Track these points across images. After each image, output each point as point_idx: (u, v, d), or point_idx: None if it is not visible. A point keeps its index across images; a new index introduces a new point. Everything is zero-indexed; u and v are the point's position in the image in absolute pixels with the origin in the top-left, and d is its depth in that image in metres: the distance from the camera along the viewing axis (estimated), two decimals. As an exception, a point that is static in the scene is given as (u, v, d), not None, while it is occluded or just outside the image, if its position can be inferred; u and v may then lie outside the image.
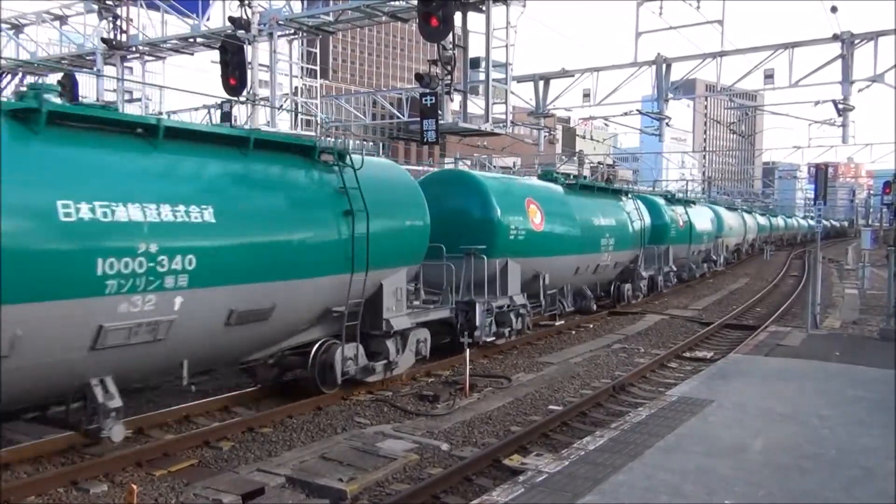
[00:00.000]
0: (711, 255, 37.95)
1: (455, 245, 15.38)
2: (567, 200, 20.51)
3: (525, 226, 17.57)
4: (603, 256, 21.90)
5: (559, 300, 20.10)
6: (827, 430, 9.05)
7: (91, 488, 8.21)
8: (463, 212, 16.71)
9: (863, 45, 18.91)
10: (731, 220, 46.31)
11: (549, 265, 18.55)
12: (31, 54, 24.50)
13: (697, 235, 33.21)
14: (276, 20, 18.30)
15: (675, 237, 29.90)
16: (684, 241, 31.26)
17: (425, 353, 13.82)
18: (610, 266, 22.86)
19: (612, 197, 24.01)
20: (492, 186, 17.12)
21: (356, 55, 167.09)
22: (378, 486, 8.49)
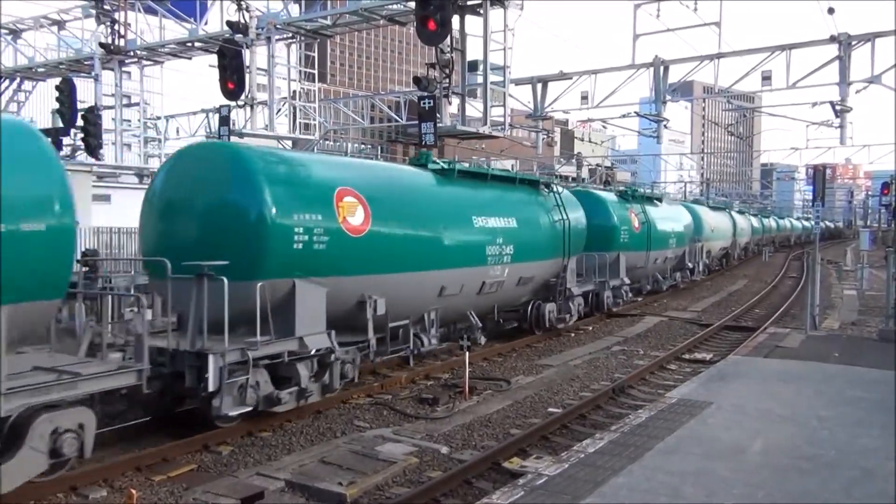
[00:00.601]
0: (686, 263, 32.30)
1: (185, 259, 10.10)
2: (431, 192, 14.77)
3: (329, 227, 11.43)
4: (493, 270, 15.69)
5: (416, 335, 13.79)
6: (826, 432, 9.05)
7: (90, 493, 8.20)
8: (213, 207, 10.92)
9: (860, 47, 18.94)
10: (716, 220, 40.94)
11: (382, 286, 12.36)
12: (30, 59, 24.53)
13: (661, 239, 27.51)
14: (274, 24, 18.35)
15: (628, 242, 24.25)
16: (640, 246, 25.55)
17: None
18: (509, 282, 16.45)
19: (517, 190, 17.88)
20: (262, 167, 10.95)
21: (354, 59, 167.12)
22: (378, 490, 8.48)
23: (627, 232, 24.20)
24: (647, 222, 26.13)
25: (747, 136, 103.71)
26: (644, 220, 25.95)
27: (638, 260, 25.36)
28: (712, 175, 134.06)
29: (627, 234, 24.18)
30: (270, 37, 18.45)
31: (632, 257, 24.52)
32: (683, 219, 32.02)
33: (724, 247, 43.78)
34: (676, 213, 31.78)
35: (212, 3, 20.01)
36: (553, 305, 18.71)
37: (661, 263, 28.35)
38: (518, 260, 16.46)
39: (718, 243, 41.37)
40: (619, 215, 23.98)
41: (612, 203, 24.18)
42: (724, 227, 43.30)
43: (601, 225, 22.58)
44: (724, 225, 43.65)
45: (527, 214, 17.44)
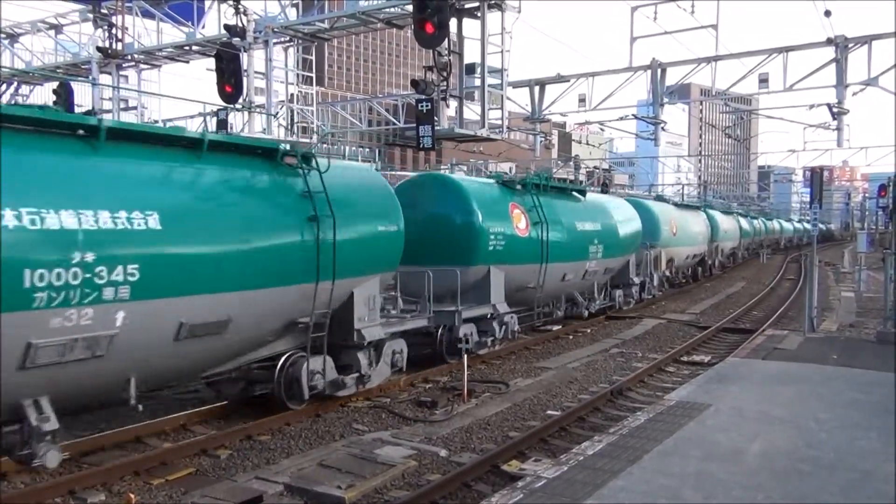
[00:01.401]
0: (631, 278, 24.96)
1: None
2: None
3: None
4: None
5: None
6: (824, 434, 9.05)
7: (88, 497, 8.19)
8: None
9: (857, 49, 18.96)
10: (686, 222, 33.50)
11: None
12: (27, 63, 24.50)
13: (567, 249, 19.16)
14: (272, 27, 18.33)
15: (503, 253, 16.48)
16: (527, 257, 17.51)
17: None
18: None
19: None
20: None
21: (352, 62, 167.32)
22: (376, 493, 8.48)
23: (503, 236, 16.56)
24: (542, 221, 17.95)
25: (745, 139, 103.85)
26: (539, 219, 17.96)
27: (525, 276, 17.63)
28: (710, 177, 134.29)
29: (503, 238, 16.54)
30: (268, 40, 18.42)
31: (514, 272, 17.03)
32: (627, 220, 23.93)
33: (696, 253, 36.33)
34: (614, 211, 23.28)
35: (209, 6, 20.00)
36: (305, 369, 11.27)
37: (577, 280, 20.43)
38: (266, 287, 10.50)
39: (689, 250, 34.05)
40: (486, 211, 16.26)
41: (474, 193, 16.43)
42: (697, 231, 35.80)
43: (453, 224, 16.03)
44: (697, 227, 36.30)
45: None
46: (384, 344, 12.70)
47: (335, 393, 11.78)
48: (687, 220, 34.14)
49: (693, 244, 34.61)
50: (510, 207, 17.27)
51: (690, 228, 34.30)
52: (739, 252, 52.72)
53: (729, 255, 48.17)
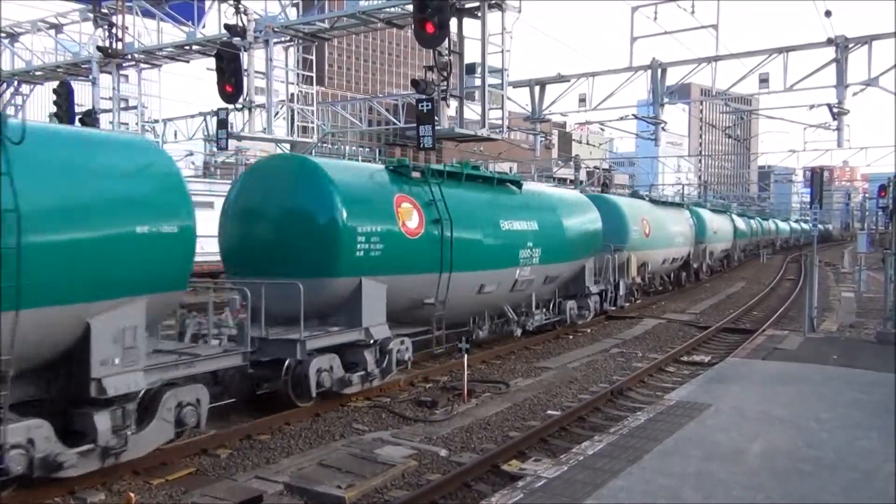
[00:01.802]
0: (587, 287, 20.29)
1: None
2: None
3: None
4: None
5: None
6: (825, 433, 9.05)
7: (88, 497, 8.18)
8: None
9: (857, 49, 18.96)
10: (663, 221, 29.81)
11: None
12: (27, 63, 24.51)
13: (484, 253, 15.36)
14: (272, 27, 18.35)
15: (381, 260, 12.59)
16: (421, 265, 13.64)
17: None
18: None
19: None
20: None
21: (352, 61, 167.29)
22: (377, 493, 8.47)
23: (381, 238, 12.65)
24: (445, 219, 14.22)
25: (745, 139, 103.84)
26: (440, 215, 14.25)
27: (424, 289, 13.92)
28: (710, 177, 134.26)
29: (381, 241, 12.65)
30: (268, 40, 18.44)
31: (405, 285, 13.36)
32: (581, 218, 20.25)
33: (677, 257, 31.72)
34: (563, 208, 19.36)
35: (209, 6, 20.01)
36: None
37: (504, 292, 16.47)
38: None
39: (665, 252, 29.42)
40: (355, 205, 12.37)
41: (338, 181, 12.34)
42: (677, 230, 31.42)
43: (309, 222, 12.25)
44: (678, 227, 31.90)
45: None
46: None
47: (341, 390, 12.02)
48: (664, 218, 30.27)
49: (672, 246, 30.53)
50: (396, 201, 13.18)
51: (668, 228, 30.23)
52: (735, 254, 48.90)
53: (721, 257, 44.28)
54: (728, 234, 44.87)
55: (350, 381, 11.95)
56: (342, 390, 11.92)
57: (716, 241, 40.26)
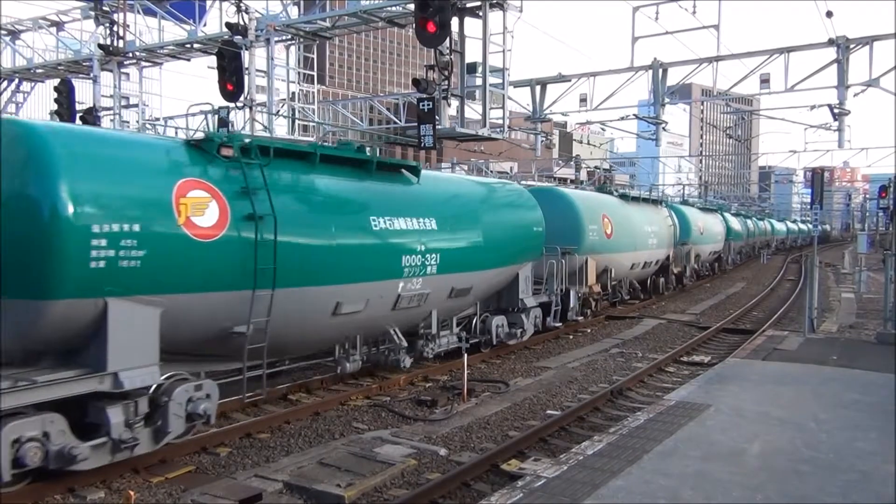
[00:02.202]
0: (521, 300, 16.89)
1: None
2: None
3: None
4: None
5: None
6: (824, 434, 9.06)
7: (88, 495, 8.20)
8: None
9: (858, 50, 18.95)
10: (634, 220, 25.85)
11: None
12: (28, 60, 24.51)
13: (342, 261, 11.33)
14: (273, 26, 18.35)
15: (143, 272, 8.55)
16: (220, 279, 9.50)
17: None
18: None
19: None
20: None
21: (353, 60, 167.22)
22: (376, 492, 8.48)
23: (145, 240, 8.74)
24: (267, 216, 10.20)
25: (746, 139, 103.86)
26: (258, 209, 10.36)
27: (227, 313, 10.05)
28: (711, 178, 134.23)
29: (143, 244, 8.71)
30: (269, 38, 18.45)
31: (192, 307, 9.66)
32: (511, 216, 16.84)
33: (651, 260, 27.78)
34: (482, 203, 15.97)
35: (211, 4, 20.02)
36: None
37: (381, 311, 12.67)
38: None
39: (634, 256, 25.59)
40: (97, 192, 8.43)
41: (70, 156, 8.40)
42: (651, 230, 27.44)
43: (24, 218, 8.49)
44: (653, 227, 27.89)
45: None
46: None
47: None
48: (634, 217, 26.16)
49: (644, 248, 26.63)
50: (179, 188, 9.14)
51: (639, 228, 26.27)
52: (728, 256, 45.27)
53: (711, 260, 40.54)
54: (718, 234, 40.83)
55: (74, 457, 7.86)
56: (69, 467, 8.01)
57: (703, 243, 36.42)
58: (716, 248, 40.53)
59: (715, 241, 39.80)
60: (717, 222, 41.57)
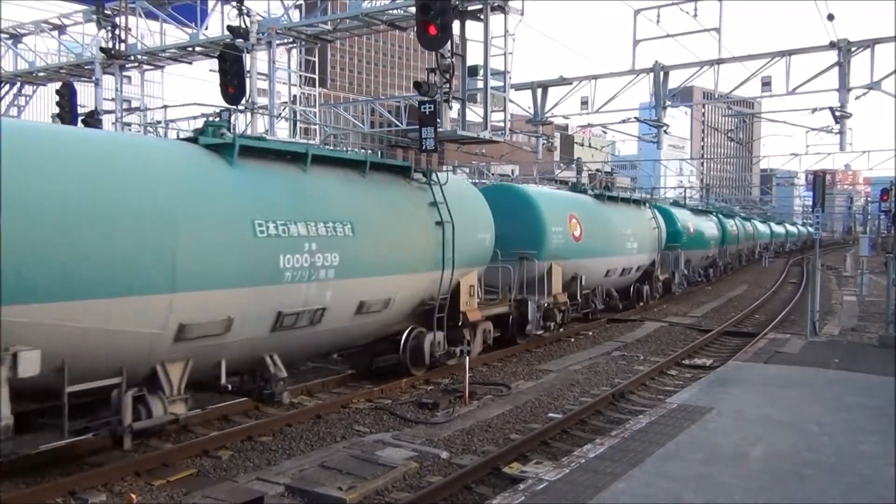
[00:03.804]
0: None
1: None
2: None
3: None
4: None
5: None
6: (826, 438, 9.04)
7: (90, 498, 8.19)
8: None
9: (859, 53, 18.97)
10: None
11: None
12: (30, 63, 24.55)
13: None
14: (275, 29, 18.37)
15: None
16: None
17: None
18: None
19: None
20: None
21: (354, 63, 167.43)
22: (378, 495, 8.47)
23: None
24: None
25: (747, 142, 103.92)
26: None
27: None
28: (712, 181, 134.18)
29: None
30: (271, 41, 18.47)
31: None
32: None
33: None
34: None
35: (212, 8, 20.06)
36: None
37: None
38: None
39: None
40: None
41: None
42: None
43: None
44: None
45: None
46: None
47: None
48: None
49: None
50: None
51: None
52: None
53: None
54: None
55: None
56: None
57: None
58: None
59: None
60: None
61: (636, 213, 26.83)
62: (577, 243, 20.49)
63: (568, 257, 19.93)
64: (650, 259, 27.35)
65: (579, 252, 20.59)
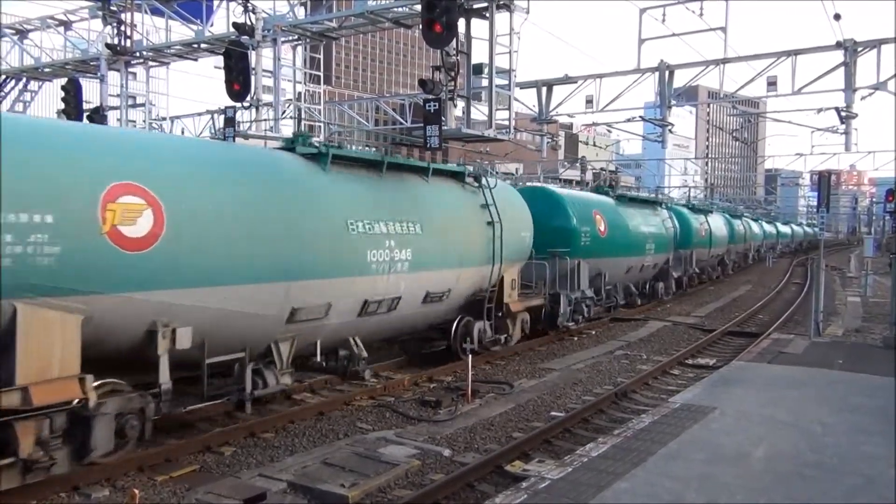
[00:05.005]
0: None
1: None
2: None
3: None
4: None
5: None
6: (829, 438, 9.03)
7: (93, 493, 8.22)
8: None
9: (865, 53, 18.91)
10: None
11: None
12: (36, 59, 24.59)
13: None
14: (280, 26, 18.36)
15: None
16: None
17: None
18: None
19: None
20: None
21: (359, 61, 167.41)
22: (380, 492, 8.48)
23: None
24: None
25: (752, 142, 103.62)
26: None
27: None
28: (717, 180, 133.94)
29: None
30: (276, 39, 18.47)
31: None
32: None
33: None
34: None
35: (218, 4, 20.05)
36: None
37: None
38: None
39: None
40: None
41: None
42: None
43: None
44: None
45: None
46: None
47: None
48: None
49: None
50: None
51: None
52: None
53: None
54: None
55: None
56: None
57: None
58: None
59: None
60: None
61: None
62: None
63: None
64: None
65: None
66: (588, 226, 21.22)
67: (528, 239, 17.28)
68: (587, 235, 21.00)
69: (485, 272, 15.30)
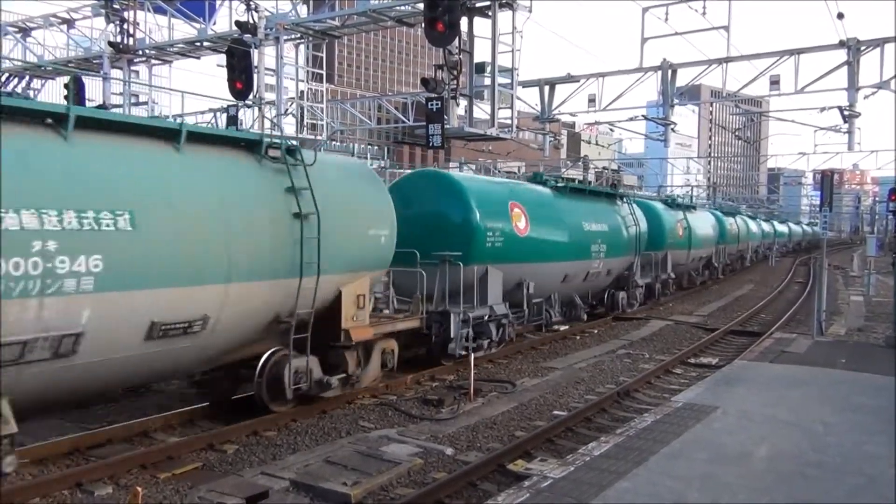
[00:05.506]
0: None
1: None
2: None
3: None
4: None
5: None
6: (831, 438, 9.03)
7: (96, 490, 8.23)
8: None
9: (869, 52, 18.87)
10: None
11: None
12: (38, 57, 24.61)
13: None
14: (283, 25, 18.38)
15: None
16: None
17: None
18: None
19: None
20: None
21: (362, 60, 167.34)
22: (382, 491, 8.49)
23: None
24: None
25: (755, 141, 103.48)
26: None
27: None
28: (719, 179, 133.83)
29: None
30: (279, 37, 18.49)
31: None
32: None
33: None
34: None
35: (221, 3, 20.07)
36: None
37: None
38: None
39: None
40: None
41: None
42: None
43: None
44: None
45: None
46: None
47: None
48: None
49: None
50: None
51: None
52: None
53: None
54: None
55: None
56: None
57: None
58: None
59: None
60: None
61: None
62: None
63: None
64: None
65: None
66: (500, 221, 16.58)
67: (387, 239, 12.60)
68: (496, 234, 16.32)
69: (289, 287, 10.37)
